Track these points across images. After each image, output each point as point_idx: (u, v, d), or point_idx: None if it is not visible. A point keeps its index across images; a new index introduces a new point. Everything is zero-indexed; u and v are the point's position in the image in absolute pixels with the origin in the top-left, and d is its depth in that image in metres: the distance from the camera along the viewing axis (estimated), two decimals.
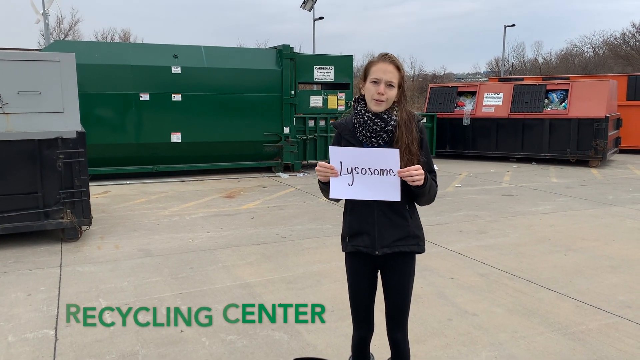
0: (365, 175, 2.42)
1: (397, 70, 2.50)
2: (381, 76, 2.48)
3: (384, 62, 2.51)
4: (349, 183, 2.44)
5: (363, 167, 2.42)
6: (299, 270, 5.29)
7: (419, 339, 3.78)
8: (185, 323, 4.05)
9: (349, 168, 2.42)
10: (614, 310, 4.33)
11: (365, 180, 2.42)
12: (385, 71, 2.49)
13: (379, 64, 2.51)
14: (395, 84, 2.50)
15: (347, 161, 2.42)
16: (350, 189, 2.44)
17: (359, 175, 2.43)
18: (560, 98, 13.68)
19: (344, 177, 2.44)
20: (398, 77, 2.51)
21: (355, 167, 2.42)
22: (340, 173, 2.44)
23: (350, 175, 2.43)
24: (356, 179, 2.43)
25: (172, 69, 10.94)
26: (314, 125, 12.47)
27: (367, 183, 2.42)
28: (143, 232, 6.78)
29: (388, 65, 2.50)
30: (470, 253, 5.90)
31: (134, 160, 10.91)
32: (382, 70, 2.49)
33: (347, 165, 2.43)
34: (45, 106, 5.99)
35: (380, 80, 2.48)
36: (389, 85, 2.49)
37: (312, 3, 30.75)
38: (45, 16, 19.18)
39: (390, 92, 2.50)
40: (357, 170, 2.42)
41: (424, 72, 55.55)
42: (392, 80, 2.49)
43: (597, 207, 8.45)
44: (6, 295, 4.62)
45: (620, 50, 45.77)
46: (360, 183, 2.43)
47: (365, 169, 2.41)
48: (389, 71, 2.49)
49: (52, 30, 29.05)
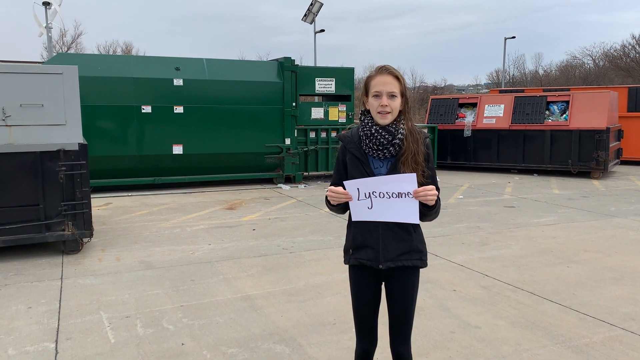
0: (384, 200, 2.44)
1: (397, 80, 2.50)
2: (381, 89, 2.49)
3: (382, 74, 2.51)
4: (368, 207, 2.46)
5: (381, 191, 2.43)
6: (301, 283, 5.27)
7: (422, 352, 3.76)
8: (186, 336, 4.03)
9: (367, 193, 2.44)
10: (618, 322, 4.30)
11: (384, 203, 2.44)
12: (385, 83, 2.49)
13: (377, 77, 2.51)
14: (397, 93, 2.50)
15: (364, 188, 2.44)
16: (370, 212, 2.46)
17: (378, 199, 2.44)
18: (561, 109, 13.71)
19: (362, 201, 2.45)
20: (399, 86, 2.51)
21: (372, 192, 2.44)
22: (358, 198, 2.45)
23: (368, 199, 2.45)
24: (375, 202, 2.45)
25: (174, 81, 10.99)
26: (315, 136, 12.49)
27: (387, 206, 2.44)
28: (144, 244, 6.77)
29: (387, 77, 2.50)
30: (473, 265, 5.88)
31: (136, 172, 10.93)
32: (381, 83, 2.49)
33: (364, 191, 2.44)
34: (48, 118, 6.02)
35: (381, 93, 2.49)
36: (391, 97, 2.49)
37: (314, 16, 30.96)
38: (48, 29, 19.30)
39: (393, 103, 2.50)
40: (375, 194, 2.44)
41: (424, 84, 55.79)
42: (393, 91, 2.49)
43: (599, 218, 8.43)
44: (7, 307, 4.60)
45: (620, 61, 45.94)
46: (379, 207, 2.45)
47: (384, 193, 2.43)
48: (389, 82, 2.49)
49: (54, 43, 29.24)
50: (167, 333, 4.08)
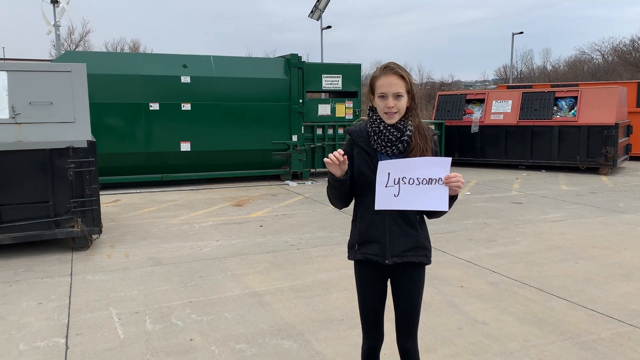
0: (413, 186, 2.39)
1: (402, 80, 2.47)
2: (387, 90, 2.46)
3: (386, 75, 2.48)
4: (394, 194, 2.40)
5: (411, 177, 2.38)
6: (308, 279, 5.29)
7: (429, 347, 3.76)
8: (194, 332, 4.06)
9: (396, 179, 2.38)
10: (626, 319, 4.29)
11: (412, 190, 2.39)
12: (390, 84, 2.46)
13: (382, 78, 2.49)
14: (403, 92, 2.47)
15: (395, 172, 2.39)
16: (395, 199, 2.40)
17: (406, 185, 2.39)
18: (569, 105, 13.62)
19: (390, 188, 2.40)
20: (405, 85, 2.48)
21: (403, 177, 2.38)
22: (386, 185, 2.40)
23: (396, 186, 2.40)
24: (402, 189, 2.39)
25: (182, 79, 11.02)
26: (322, 133, 12.50)
27: (414, 193, 2.39)
28: (153, 240, 6.81)
29: (391, 77, 2.47)
30: (480, 261, 5.87)
31: (144, 169, 10.98)
32: (386, 84, 2.47)
33: (394, 176, 2.39)
34: (57, 116, 6.06)
35: (387, 95, 2.47)
36: (397, 97, 2.47)
37: (320, 12, 30.91)
38: (57, 27, 19.40)
39: (400, 103, 2.48)
40: (404, 180, 2.38)
41: (432, 80, 55.57)
42: (399, 92, 2.47)
43: (608, 214, 8.39)
44: (17, 304, 4.65)
45: (629, 56, 45.54)
46: (406, 193, 2.39)
47: (414, 179, 2.38)
48: (394, 83, 2.46)
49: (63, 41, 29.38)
50: (175, 329, 4.11)
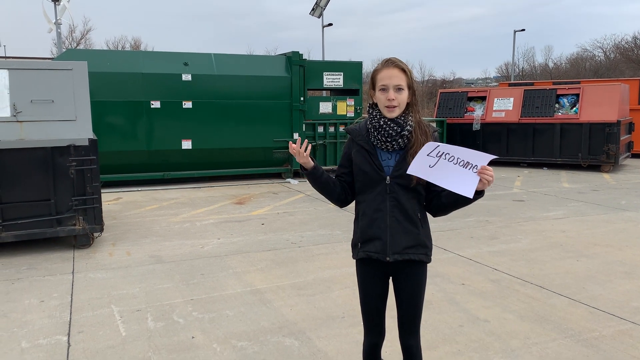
0: (450, 163, 2.40)
1: (403, 73, 2.49)
2: (388, 82, 2.48)
3: (388, 67, 2.50)
4: (430, 165, 2.42)
5: (454, 155, 2.40)
6: (310, 277, 5.29)
7: (431, 345, 3.76)
8: (196, 329, 4.06)
9: (440, 152, 2.40)
10: (628, 316, 4.28)
11: (447, 167, 2.40)
12: (391, 76, 2.48)
13: (383, 70, 2.50)
14: (404, 86, 2.49)
15: (442, 148, 2.41)
16: (429, 170, 2.42)
17: (444, 161, 2.41)
18: (571, 102, 13.60)
19: (430, 158, 2.42)
20: (406, 79, 2.49)
21: (446, 153, 2.40)
22: (428, 154, 2.42)
23: (437, 158, 2.41)
24: (440, 163, 2.41)
25: (183, 77, 11.02)
26: (324, 131, 12.49)
27: (449, 171, 2.40)
28: (154, 238, 6.82)
29: (393, 69, 2.48)
30: (482, 259, 5.87)
31: (145, 167, 10.99)
32: (387, 76, 2.48)
33: (441, 150, 2.40)
34: (58, 114, 6.06)
35: (388, 87, 2.48)
36: (398, 89, 2.48)
37: (321, 10, 30.88)
38: (58, 25, 19.41)
39: (400, 97, 2.49)
40: (445, 157, 2.41)
41: (433, 77, 55.50)
42: (400, 84, 2.48)
43: (609, 212, 8.38)
44: (20, 301, 4.66)
45: (631, 54, 45.46)
46: (441, 168, 2.41)
47: (455, 157, 2.40)
48: (395, 75, 2.48)
49: (64, 39, 29.38)
50: (177, 326, 4.12)
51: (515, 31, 38.59)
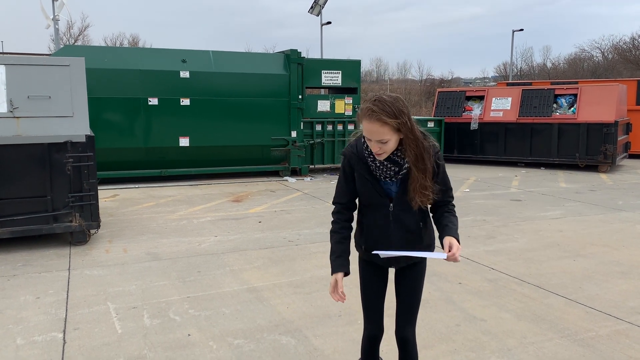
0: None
1: (385, 125, 2.30)
2: (370, 136, 2.36)
3: (369, 120, 2.32)
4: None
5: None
6: (307, 275, 5.28)
7: (427, 344, 3.76)
8: (192, 327, 4.05)
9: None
10: (625, 316, 4.29)
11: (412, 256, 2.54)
12: (372, 132, 2.33)
13: (364, 122, 2.34)
14: (388, 137, 2.33)
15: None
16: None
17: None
18: (569, 103, 13.61)
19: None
20: (389, 131, 2.31)
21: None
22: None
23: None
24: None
25: (181, 74, 10.99)
26: (322, 129, 12.48)
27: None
28: (151, 235, 6.80)
29: (373, 124, 2.30)
30: (479, 258, 5.87)
31: (143, 164, 10.96)
32: (368, 130, 2.34)
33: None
34: (55, 110, 6.04)
35: (371, 139, 2.37)
36: (381, 142, 2.35)
37: (320, 8, 30.84)
38: (56, 21, 19.34)
39: (386, 146, 2.37)
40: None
41: (431, 76, 55.55)
42: (382, 139, 2.33)
43: (606, 212, 8.39)
44: (15, 298, 4.64)
45: (629, 54, 45.53)
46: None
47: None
48: (375, 131, 2.31)
49: (62, 35, 29.28)
50: (173, 324, 4.10)
51: (513, 31, 38.62)
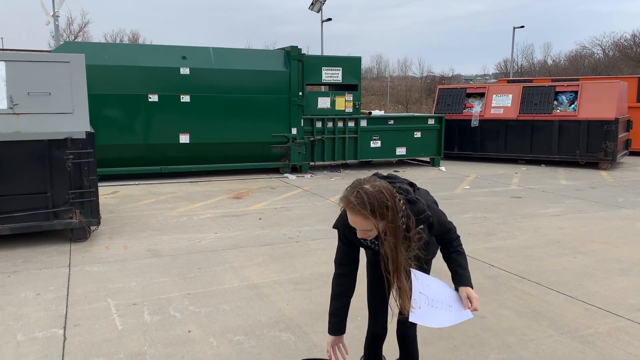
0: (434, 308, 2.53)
1: (367, 219, 2.22)
2: (353, 226, 2.31)
3: (351, 212, 2.25)
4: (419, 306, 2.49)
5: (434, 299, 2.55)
6: (307, 272, 5.29)
7: (427, 341, 3.76)
8: (192, 323, 4.06)
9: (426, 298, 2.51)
10: (624, 313, 4.29)
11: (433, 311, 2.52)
12: (355, 222, 2.28)
13: (348, 211, 2.28)
14: (370, 228, 2.27)
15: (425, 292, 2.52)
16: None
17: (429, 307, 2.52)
18: (569, 100, 13.59)
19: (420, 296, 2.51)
20: (372, 223, 2.24)
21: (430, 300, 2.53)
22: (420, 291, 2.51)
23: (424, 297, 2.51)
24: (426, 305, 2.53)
25: (181, 70, 10.98)
26: (322, 126, 12.46)
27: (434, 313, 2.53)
28: (151, 232, 6.81)
29: (356, 216, 2.24)
30: (479, 255, 5.87)
31: (143, 160, 10.96)
32: (352, 221, 2.29)
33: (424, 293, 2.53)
34: (55, 107, 6.03)
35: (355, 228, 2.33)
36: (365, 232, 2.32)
37: (320, 5, 30.79)
38: (56, 18, 19.33)
39: (371, 233, 2.32)
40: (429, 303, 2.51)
41: (432, 73, 55.47)
42: (365, 229, 2.29)
43: (607, 209, 8.39)
44: (15, 294, 4.65)
45: (630, 51, 45.47)
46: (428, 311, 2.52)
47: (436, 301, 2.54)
48: (358, 222, 2.26)
49: (62, 32, 29.27)
50: (173, 320, 4.11)
51: (514, 28, 38.61)
